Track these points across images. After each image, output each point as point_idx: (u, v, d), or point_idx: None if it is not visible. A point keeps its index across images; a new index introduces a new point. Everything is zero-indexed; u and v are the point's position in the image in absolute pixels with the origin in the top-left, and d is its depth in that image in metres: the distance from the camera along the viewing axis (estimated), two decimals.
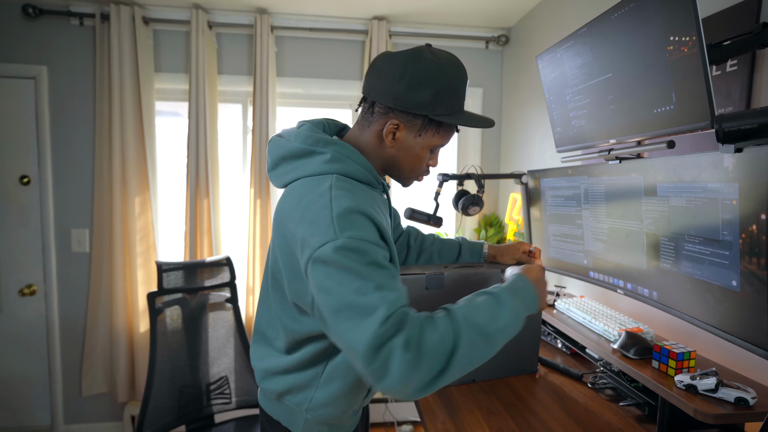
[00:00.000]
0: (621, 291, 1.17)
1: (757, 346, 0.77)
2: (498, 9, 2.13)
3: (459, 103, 0.83)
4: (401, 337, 0.62)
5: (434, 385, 0.65)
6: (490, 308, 0.72)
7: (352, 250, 0.66)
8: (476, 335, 0.68)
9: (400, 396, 0.65)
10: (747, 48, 0.96)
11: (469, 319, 0.69)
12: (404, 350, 0.61)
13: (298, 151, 0.82)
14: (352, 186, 0.78)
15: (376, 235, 0.71)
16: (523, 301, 0.76)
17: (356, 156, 0.82)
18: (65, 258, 2.19)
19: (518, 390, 1.10)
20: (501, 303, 0.73)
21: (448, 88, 0.80)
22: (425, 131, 0.83)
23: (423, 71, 0.78)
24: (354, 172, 0.80)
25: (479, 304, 0.73)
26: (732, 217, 0.79)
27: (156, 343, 1.55)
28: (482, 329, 0.69)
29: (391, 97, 0.80)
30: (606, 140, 1.18)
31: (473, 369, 0.69)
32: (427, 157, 0.87)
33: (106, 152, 2.10)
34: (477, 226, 2.45)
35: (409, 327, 0.64)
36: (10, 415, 2.23)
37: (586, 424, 0.97)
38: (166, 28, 2.17)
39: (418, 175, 0.91)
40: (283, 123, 2.28)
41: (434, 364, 0.64)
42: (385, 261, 0.70)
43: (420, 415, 1.00)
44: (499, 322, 0.71)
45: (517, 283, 0.79)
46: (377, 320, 0.62)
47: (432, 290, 1.02)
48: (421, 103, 0.79)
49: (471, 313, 0.70)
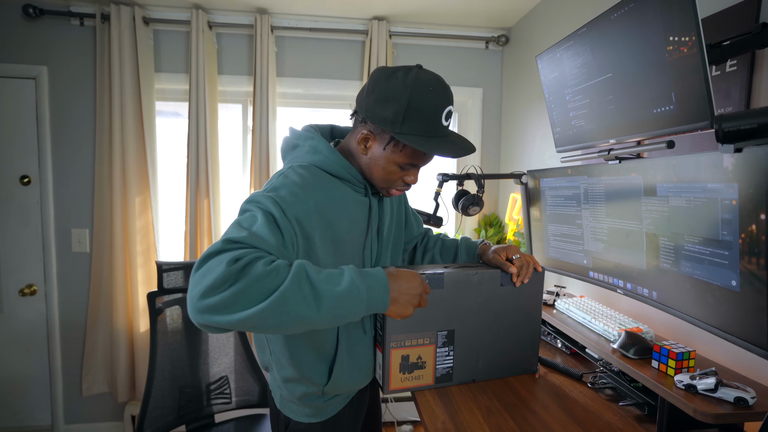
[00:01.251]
0: (621, 291, 1.17)
1: (757, 345, 0.77)
2: (498, 9, 2.13)
3: (425, 127, 0.83)
4: (234, 253, 0.67)
5: (230, 314, 0.64)
6: (333, 275, 0.73)
7: (255, 201, 0.77)
8: (301, 290, 0.67)
9: (192, 310, 0.65)
10: (746, 48, 0.96)
11: (305, 270, 0.69)
12: (230, 263, 0.65)
13: (290, 145, 0.95)
14: (315, 175, 0.86)
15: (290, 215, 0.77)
16: (368, 286, 0.74)
17: (329, 151, 0.90)
18: (65, 258, 2.19)
19: (518, 390, 1.10)
20: (343, 274, 0.73)
21: (411, 110, 0.81)
22: (389, 147, 0.87)
23: (389, 89, 0.83)
24: (326, 165, 0.89)
25: (326, 271, 0.73)
26: (732, 217, 0.79)
27: (156, 342, 1.55)
28: (314, 284, 0.69)
29: (363, 109, 0.88)
30: (606, 140, 1.18)
31: (286, 317, 0.67)
32: (396, 171, 0.90)
33: (107, 152, 2.10)
34: (477, 226, 2.45)
35: (245, 251, 0.68)
36: (10, 415, 2.23)
37: (586, 424, 0.97)
38: (167, 28, 2.17)
39: (390, 187, 0.94)
40: (283, 123, 2.28)
41: (247, 290, 0.64)
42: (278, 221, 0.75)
43: (420, 415, 1.00)
44: (335, 288, 0.70)
45: (375, 272, 0.77)
46: (223, 240, 0.70)
47: (432, 290, 1.02)
48: (385, 119, 0.83)
49: (312, 269, 0.71)
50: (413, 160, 0.88)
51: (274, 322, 0.66)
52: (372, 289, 0.74)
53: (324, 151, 0.90)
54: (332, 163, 0.89)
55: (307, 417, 0.99)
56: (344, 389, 1.01)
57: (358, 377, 1.02)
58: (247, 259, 0.67)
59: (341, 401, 1.03)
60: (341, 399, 1.03)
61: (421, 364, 1.05)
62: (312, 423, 0.99)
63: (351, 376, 0.99)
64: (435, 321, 1.03)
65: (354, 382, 1.01)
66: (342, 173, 0.90)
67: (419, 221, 1.28)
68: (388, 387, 1.02)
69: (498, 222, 2.37)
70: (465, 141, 0.90)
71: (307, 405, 0.97)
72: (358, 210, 0.94)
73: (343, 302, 0.71)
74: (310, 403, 0.97)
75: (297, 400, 0.96)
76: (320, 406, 0.98)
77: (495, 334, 1.11)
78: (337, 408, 1.02)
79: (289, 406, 0.99)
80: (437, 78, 0.86)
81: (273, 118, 2.17)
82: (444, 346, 1.06)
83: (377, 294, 0.75)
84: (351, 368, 0.98)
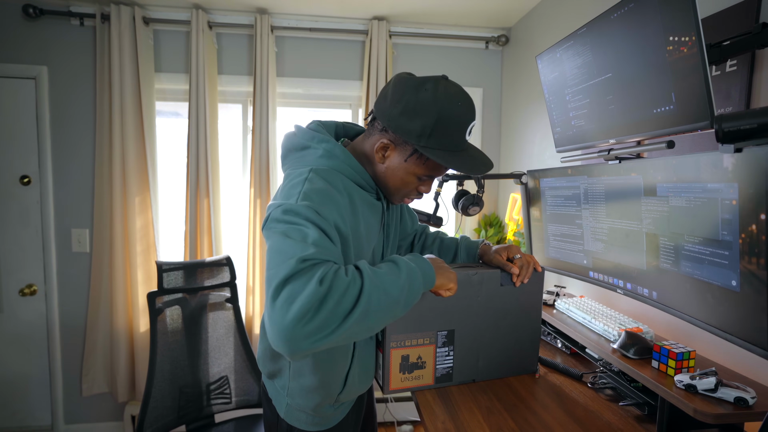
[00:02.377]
0: (621, 291, 1.17)
1: (757, 345, 0.77)
2: (498, 9, 2.13)
3: (451, 142, 0.84)
4: (318, 272, 0.66)
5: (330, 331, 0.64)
6: (386, 268, 0.76)
7: (296, 213, 0.73)
8: (381, 289, 0.71)
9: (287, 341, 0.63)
10: (746, 48, 0.96)
11: (373, 273, 0.72)
12: (318, 283, 0.64)
13: (297, 145, 0.90)
14: (337, 180, 0.84)
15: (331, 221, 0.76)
16: (419, 266, 0.80)
17: (345, 156, 0.87)
18: (65, 258, 2.19)
19: (518, 390, 1.10)
20: (398, 264, 0.77)
21: (440, 124, 0.81)
22: (411, 159, 0.86)
23: (418, 102, 0.81)
24: (342, 170, 0.87)
25: (379, 266, 0.77)
26: (731, 217, 0.79)
27: (156, 343, 1.55)
28: (388, 285, 0.72)
29: (386, 118, 0.85)
30: (606, 140, 1.18)
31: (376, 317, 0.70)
32: (413, 182, 0.90)
33: (107, 152, 2.10)
34: (477, 226, 2.45)
35: (324, 267, 0.67)
36: (10, 415, 2.23)
37: (586, 423, 0.97)
38: (167, 28, 2.17)
39: (404, 196, 0.95)
40: (283, 123, 2.29)
41: (339, 305, 0.65)
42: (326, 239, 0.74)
43: (420, 415, 1.00)
44: (399, 278, 0.74)
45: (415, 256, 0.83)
46: (295, 259, 0.66)
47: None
48: (410, 131, 0.82)
49: (373, 271, 0.73)
50: (433, 173, 0.89)
51: (365, 327, 0.69)
52: (423, 269, 0.80)
53: (340, 156, 0.87)
54: (349, 168, 0.88)
55: (314, 426, 0.96)
56: (354, 395, 1.01)
57: (366, 382, 1.02)
58: (330, 274, 0.67)
59: (347, 407, 1.02)
60: (347, 405, 1.02)
61: (421, 364, 1.05)
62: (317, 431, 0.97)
63: (361, 381, 0.99)
64: (435, 321, 1.03)
65: (363, 387, 1.01)
66: (357, 179, 0.90)
67: (414, 218, 1.27)
68: (389, 387, 1.02)
69: (498, 222, 2.37)
70: (484, 156, 0.91)
71: (318, 414, 0.95)
72: (373, 213, 0.94)
73: (409, 289, 0.75)
74: (322, 412, 0.95)
75: (311, 410, 0.93)
76: (330, 414, 0.97)
77: (495, 334, 1.11)
78: (343, 414, 1.01)
79: (296, 415, 0.95)
80: (463, 92, 0.86)
81: (273, 118, 2.17)
82: (444, 346, 1.06)
83: (427, 270, 0.81)
84: (361, 374, 0.98)
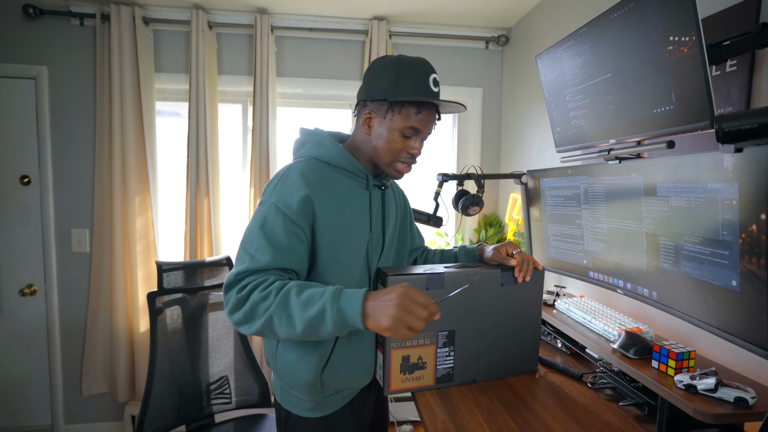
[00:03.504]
0: (621, 291, 1.17)
1: (757, 346, 0.77)
2: (498, 9, 2.13)
3: (417, 88, 0.93)
4: (239, 285, 0.85)
5: (247, 327, 0.84)
6: (310, 299, 0.81)
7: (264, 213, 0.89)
8: (284, 313, 0.81)
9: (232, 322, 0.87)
10: (746, 48, 0.96)
11: (285, 300, 0.81)
12: (238, 291, 0.84)
13: (298, 143, 1.07)
14: (316, 168, 0.94)
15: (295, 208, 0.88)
16: (338, 309, 0.79)
17: (332, 144, 0.99)
18: (65, 258, 2.19)
19: (518, 390, 1.10)
20: (323, 295, 0.81)
21: (403, 74, 0.93)
22: (390, 114, 0.95)
23: (382, 65, 0.96)
24: (328, 157, 0.98)
25: (308, 293, 0.82)
26: (732, 217, 0.79)
27: (156, 342, 1.55)
28: (291, 311, 0.81)
29: (363, 92, 0.99)
30: (606, 140, 1.18)
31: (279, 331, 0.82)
32: (399, 141, 0.96)
33: (107, 152, 2.10)
34: (477, 226, 2.45)
35: (249, 280, 0.85)
36: (10, 415, 2.23)
37: (586, 423, 0.97)
38: (167, 28, 2.17)
39: (396, 159, 0.99)
40: (283, 123, 2.29)
41: (250, 312, 0.83)
42: (279, 231, 0.87)
43: (420, 415, 1.00)
44: (307, 313, 0.80)
45: (351, 295, 0.80)
46: (236, 271, 0.87)
47: (432, 290, 1.02)
48: (380, 89, 0.94)
49: (293, 297, 0.81)
50: (412, 123, 0.95)
51: (271, 335, 0.84)
52: (345, 311, 0.79)
53: (327, 144, 0.99)
54: (333, 154, 0.98)
55: (306, 411, 1.00)
56: (343, 383, 1.01)
57: (358, 372, 1.02)
58: (249, 288, 0.84)
59: (342, 399, 1.03)
60: (342, 397, 1.03)
61: (422, 364, 1.05)
62: (311, 418, 1.00)
63: (349, 371, 0.99)
64: (435, 321, 1.03)
65: (353, 376, 1.01)
66: (343, 163, 0.98)
67: (421, 235, 1.34)
68: (389, 388, 1.02)
69: (498, 222, 2.37)
70: (455, 102, 0.98)
71: (307, 398, 0.98)
72: (360, 201, 0.99)
73: (314, 325, 0.80)
74: (309, 396, 0.98)
75: (298, 389, 0.97)
76: (320, 401, 0.99)
77: (495, 335, 1.11)
78: (338, 405, 1.02)
79: (289, 398, 1.01)
80: (419, 57, 0.99)
81: (273, 118, 2.17)
82: (444, 346, 1.06)
83: (350, 313, 0.79)
84: (348, 362, 0.99)
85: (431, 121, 0.98)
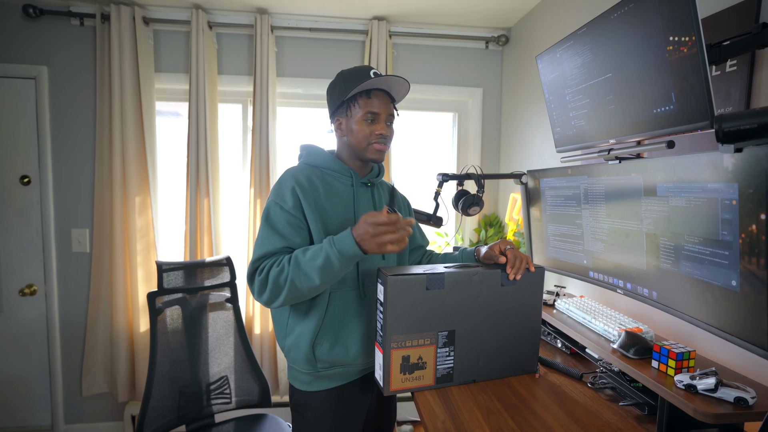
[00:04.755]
0: (621, 291, 1.17)
1: (757, 346, 0.77)
2: (498, 9, 2.13)
3: (360, 81, 1.08)
4: (260, 268, 1.03)
5: (278, 301, 1.01)
6: (314, 254, 0.98)
7: (266, 214, 1.08)
8: (300, 273, 0.98)
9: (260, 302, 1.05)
10: (746, 48, 0.96)
11: (297, 264, 0.99)
12: (258, 275, 1.02)
13: (298, 157, 1.23)
14: (305, 171, 1.11)
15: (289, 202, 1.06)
16: (339, 249, 0.96)
17: (321, 152, 1.17)
18: (65, 258, 2.19)
19: (518, 390, 1.10)
20: (322, 248, 0.98)
21: (347, 77, 1.12)
22: (348, 111, 1.12)
23: (332, 84, 1.17)
24: (317, 161, 1.16)
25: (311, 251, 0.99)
26: (732, 217, 0.79)
27: (156, 342, 1.55)
28: (304, 269, 0.98)
29: (329, 111, 1.21)
30: (606, 140, 1.18)
31: (303, 290, 0.99)
32: (364, 128, 1.11)
33: (107, 152, 2.10)
34: (477, 226, 2.45)
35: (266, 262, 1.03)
36: (10, 415, 2.23)
37: (586, 423, 0.97)
38: (167, 28, 2.17)
39: (368, 143, 1.12)
40: (283, 123, 2.28)
41: (275, 288, 1.00)
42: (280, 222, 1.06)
43: (420, 415, 1.00)
44: (316, 264, 0.97)
45: (343, 234, 0.98)
46: (254, 259, 1.06)
47: (432, 290, 1.02)
48: (337, 98, 1.14)
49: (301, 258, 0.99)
50: (369, 108, 1.10)
51: (298, 295, 1.01)
52: (343, 250, 0.96)
53: (316, 152, 1.18)
54: (322, 158, 1.16)
55: (305, 385, 1.12)
56: (334, 358, 1.09)
57: (342, 353, 1.08)
58: (266, 270, 1.02)
59: (337, 379, 1.12)
60: (335, 379, 1.12)
61: (422, 364, 1.05)
62: (307, 392, 1.12)
63: (332, 350, 1.08)
64: (435, 321, 1.04)
65: (338, 355, 1.08)
66: (330, 165, 1.15)
67: (423, 235, 1.41)
68: (389, 388, 1.02)
69: (498, 222, 2.37)
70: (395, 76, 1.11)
71: (305, 370, 1.10)
72: (345, 196, 1.14)
73: (326, 269, 0.97)
74: (307, 368, 1.10)
75: (299, 362, 1.10)
76: (316, 376, 1.10)
77: (495, 334, 1.11)
78: (331, 384, 1.12)
79: (294, 374, 1.15)
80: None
81: (273, 118, 2.17)
82: (444, 346, 1.06)
83: (347, 249, 0.95)
84: (333, 343, 1.08)
85: (386, 103, 1.12)
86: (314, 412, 1.12)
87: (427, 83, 2.39)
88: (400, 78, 1.10)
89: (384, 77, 1.09)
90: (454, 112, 2.51)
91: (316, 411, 1.12)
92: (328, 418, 1.12)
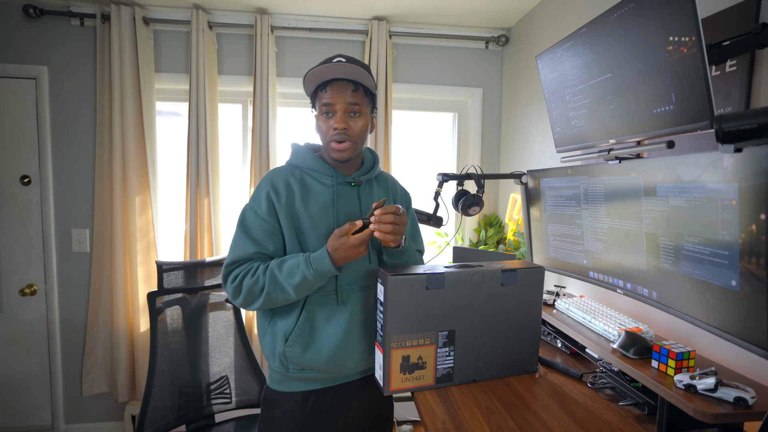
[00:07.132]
0: (621, 291, 1.17)
1: (757, 345, 0.77)
2: (498, 9, 2.13)
3: (312, 75, 1.05)
4: (231, 276, 1.06)
5: (251, 306, 1.05)
6: (291, 271, 1.00)
7: (242, 219, 1.10)
8: (276, 287, 1.01)
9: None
10: (746, 48, 0.96)
11: (273, 278, 1.01)
12: (231, 281, 1.05)
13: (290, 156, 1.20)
14: (284, 171, 1.11)
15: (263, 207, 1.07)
16: (315, 269, 0.99)
17: (303, 152, 1.15)
18: (66, 258, 2.19)
19: (518, 390, 1.10)
20: (299, 269, 1.00)
21: (308, 73, 1.06)
22: (315, 109, 1.12)
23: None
24: (299, 162, 1.14)
25: (287, 267, 1.01)
26: (731, 217, 0.79)
27: (156, 342, 1.55)
28: (281, 284, 1.01)
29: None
30: (606, 140, 1.18)
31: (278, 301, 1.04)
32: (324, 123, 1.08)
33: (107, 152, 2.10)
34: (477, 226, 2.45)
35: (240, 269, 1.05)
36: (11, 415, 2.23)
37: (586, 423, 0.97)
38: (167, 28, 2.17)
39: (329, 141, 1.09)
40: (283, 123, 2.28)
41: (249, 295, 1.04)
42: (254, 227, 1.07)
43: (420, 415, 1.00)
44: (293, 281, 1.00)
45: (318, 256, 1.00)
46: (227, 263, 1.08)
47: (432, 290, 1.02)
48: (308, 94, 1.14)
49: (278, 273, 1.01)
50: (323, 100, 1.06)
51: (274, 305, 1.06)
52: (319, 269, 0.99)
53: (299, 152, 1.16)
54: (303, 159, 1.14)
55: (275, 383, 1.13)
56: (304, 362, 1.07)
57: (314, 357, 1.06)
58: (239, 278, 1.04)
59: (307, 384, 1.10)
60: (306, 383, 1.10)
61: (422, 364, 1.05)
62: (277, 390, 1.12)
63: (305, 353, 1.06)
64: (435, 321, 1.04)
65: (310, 360, 1.06)
66: (310, 165, 1.13)
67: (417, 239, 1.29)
68: (389, 387, 1.02)
69: (498, 222, 2.38)
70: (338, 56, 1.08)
71: (276, 369, 1.10)
72: (325, 196, 1.11)
73: (302, 286, 1.01)
74: (278, 367, 1.09)
75: (272, 359, 1.09)
76: (285, 375, 1.09)
77: (495, 334, 1.11)
78: (301, 387, 1.10)
79: (269, 370, 1.15)
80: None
81: (273, 118, 2.17)
82: (445, 346, 1.06)
83: (323, 268, 0.99)
84: (306, 346, 1.06)
85: (340, 92, 1.04)
86: (279, 410, 1.11)
87: (427, 83, 2.39)
88: (344, 62, 1.01)
89: (328, 64, 1.01)
90: (454, 112, 2.52)
91: (281, 410, 1.11)
92: (290, 421, 1.10)
